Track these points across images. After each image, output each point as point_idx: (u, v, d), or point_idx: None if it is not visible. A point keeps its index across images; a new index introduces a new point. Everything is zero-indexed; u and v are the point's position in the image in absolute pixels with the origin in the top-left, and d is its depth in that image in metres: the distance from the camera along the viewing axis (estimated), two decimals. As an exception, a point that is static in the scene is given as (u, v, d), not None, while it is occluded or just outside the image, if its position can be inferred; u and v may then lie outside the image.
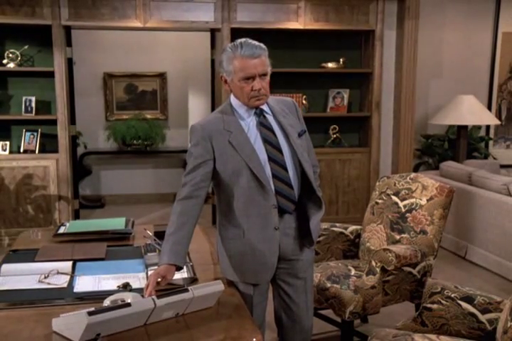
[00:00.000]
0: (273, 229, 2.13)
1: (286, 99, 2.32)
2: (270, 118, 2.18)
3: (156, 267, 2.08)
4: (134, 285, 2.10)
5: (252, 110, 2.15)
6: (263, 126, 2.14)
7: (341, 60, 5.32)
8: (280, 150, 2.14)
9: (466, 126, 5.41)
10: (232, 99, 2.17)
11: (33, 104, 4.87)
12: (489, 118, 5.40)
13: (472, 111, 5.25)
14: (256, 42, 2.08)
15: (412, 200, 2.98)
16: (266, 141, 2.13)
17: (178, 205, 2.10)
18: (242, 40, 2.08)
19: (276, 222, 2.13)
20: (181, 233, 2.07)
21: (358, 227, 3.24)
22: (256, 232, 2.13)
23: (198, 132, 2.12)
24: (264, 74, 2.07)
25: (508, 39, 5.87)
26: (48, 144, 5.00)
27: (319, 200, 2.22)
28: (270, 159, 2.12)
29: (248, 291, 2.19)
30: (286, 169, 2.14)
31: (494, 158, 5.97)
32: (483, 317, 2.13)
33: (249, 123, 2.15)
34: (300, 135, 2.21)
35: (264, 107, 2.17)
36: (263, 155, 2.11)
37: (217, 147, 2.10)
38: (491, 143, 6.07)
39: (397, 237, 2.98)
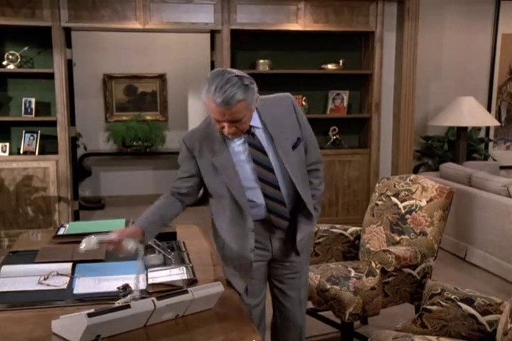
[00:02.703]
0: (248, 251, 2.12)
1: (282, 98, 2.14)
2: (260, 132, 2.04)
3: (156, 268, 2.20)
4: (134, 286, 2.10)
5: None
6: (251, 145, 2.03)
7: (341, 61, 5.32)
8: (271, 170, 2.05)
9: (465, 128, 5.41)
10: None
11: (33, 106, 4.87)
12: (489, 120, 5.40)
13: (472, 113, 5.25)
14: (235, 87, 1.82)
15: (412, 202, 2.98)
16: (255, 162, 2.03)
17: (168, 198, 2.16)
18: (222, 81, 1.82)
19: (252, 244, 2.12)
20: (163, 210, 2.14)
21: (358, 229, 3.24)
22: (231, 249, 2.16)
23: (184, 151, 2.12)
24: (237, 121, 1.89)
25: (508, 41, 5.87)
26: (48, 145, 4.99)
27: (310, 215, 2.18)
28: (261, 179, 2.05)
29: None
30: (278, 188, 2.08)
31: (494, 160, 5.97)
32: (483, 319, 2.12)
33: (236, 142, 2.04)
34: (294, 147, 2.08)
35: (253, 121, 2.01)
36: (253, 176, 2.05)
37: (202, 166, 2.09)
38: (490, 144, 6.07)
39: (397, 238, 2.98)
